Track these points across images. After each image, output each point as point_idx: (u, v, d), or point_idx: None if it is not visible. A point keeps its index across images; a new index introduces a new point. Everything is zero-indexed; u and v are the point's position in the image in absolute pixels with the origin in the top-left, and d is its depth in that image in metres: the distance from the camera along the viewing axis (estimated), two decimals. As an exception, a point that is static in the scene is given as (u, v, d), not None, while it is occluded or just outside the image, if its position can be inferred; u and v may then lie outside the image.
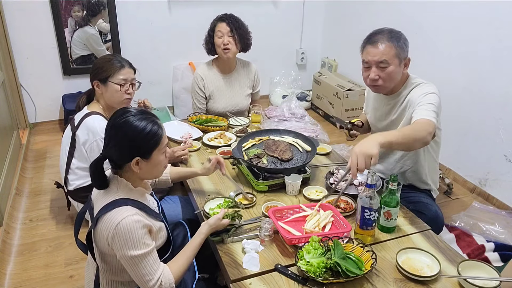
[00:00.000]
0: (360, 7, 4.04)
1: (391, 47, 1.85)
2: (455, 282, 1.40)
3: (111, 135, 1.41)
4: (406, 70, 1.96)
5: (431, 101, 1.83)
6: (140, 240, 1.33)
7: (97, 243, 1.40)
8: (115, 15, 3.82)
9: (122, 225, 1.31)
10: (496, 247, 2.40)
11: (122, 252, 1.32)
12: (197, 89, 2.73)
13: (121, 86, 2.13)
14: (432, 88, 1.90)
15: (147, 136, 1.38)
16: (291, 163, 1.99)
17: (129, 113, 1.40)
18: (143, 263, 1.34)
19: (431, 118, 1.76)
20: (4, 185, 2.74)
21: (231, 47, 2.57)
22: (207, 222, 1.55)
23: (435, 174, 2.16)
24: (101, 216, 1.35)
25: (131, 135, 1.37)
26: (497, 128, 2.84)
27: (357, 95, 4.03)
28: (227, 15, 2.64)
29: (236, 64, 2.78)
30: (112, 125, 1.41)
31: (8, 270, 2.26)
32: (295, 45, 4.69)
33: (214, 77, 2.74)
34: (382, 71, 1.88)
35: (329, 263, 1.37)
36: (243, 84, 2.81)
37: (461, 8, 2.96)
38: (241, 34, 2.60)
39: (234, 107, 2.80)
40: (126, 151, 1.39)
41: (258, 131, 2.31)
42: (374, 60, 1.88)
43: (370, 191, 1.52)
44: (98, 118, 2.14)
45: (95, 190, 1.50)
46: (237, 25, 2.58)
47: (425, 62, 3.27)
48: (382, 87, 1.95)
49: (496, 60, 2.78)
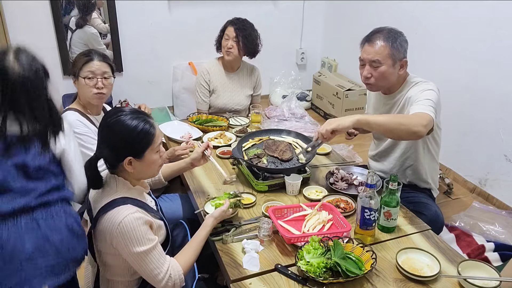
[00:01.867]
0: (360, 7, 4.04)
1: (386, 47, 1.86)
2: (455, 282, 1.40)
3: (103, 135, 1.41)
4: (403, 71, 1.95)
5: (428, 97, 1.82)
6: (144, 236, 1.34)
7: (98, 243, 1.40)
8: (115, 15, 3.82)
9: (125, 223, 1.31)
10: (496, 247, 2.40)
11: (127, 250, 1.33)
12: (203, 82, 2.80)
13: (88, 80, 1.99)
14: (431, 85, 1.90)
15: (138, 135, 1.37)
16: (291, 163, 1.99)
17: (121, 112, 1.40)
18: (149, 258, 1.35)
19: (428, 111, 1.74)
20: (4, 185, 2.73)
21: (233, 51, 2.66)
22: (212, 215, 1.56)
23: (435, 174, 2.16)
24: (101, 216, 1.36)
25: (122, 135, 1.37)
26: (497, 128, 2.84)
27: (357, 95, 4.03)
28: (239, 20, 2.69)
29: (241, 65, 2.85)
30: (104, 125, 1.41)
31: (8, 270, 2.26)
32: (295, 45, 4.69)
33: (219, 73, 2.81)
34: (375, 70, 1.90)
35: (329, 263, 1.37)
36: (245, 85, 2.86)
37: (461, 8, 2.96)
38: (247, 41, 2.65)
39: (235, 105, 2.85)
40: (118, 151, 1.39)
41: (258, 131, 2.31)
42: (368, 59, 1.90)
43: (370, 191, 1.52)
44: (70, 113, 2.03)
45: (92, 190, 1.50)
46: (245, 32, 2.64)
47: (425, 62, 3.27)
48: (374, 86, 1.96)
49: (496, 60, 2.78)
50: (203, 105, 2.83)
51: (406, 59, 1.93)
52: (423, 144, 2.01)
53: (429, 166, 2.08)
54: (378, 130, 1.79)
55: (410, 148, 2.04)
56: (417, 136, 1.71)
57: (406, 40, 1.93)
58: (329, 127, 1.71)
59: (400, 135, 1.78)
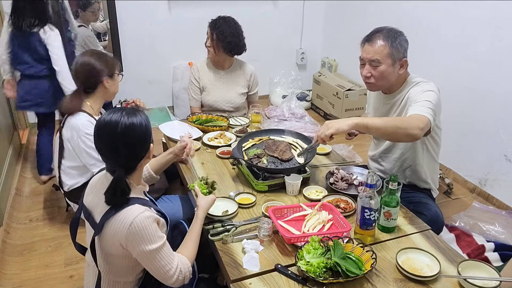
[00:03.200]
0: (360, 7, 4.04)
1: (385, 47, 1.87)
2: (455, 282, 1.40)
3: (117, 145, 1.35)
4: (403, 71, 1.95)
5: (428, 98, 1.81)
6: (154, 234, 1.35)
7: (105, 245, 1.39)
8: (115, 15, 3.82)
9: (136, 223, 1.31)
10: (496, 247, 2.40)
11: (139, 249, 1.34)
12: (193, 79, 2.86)
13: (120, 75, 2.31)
14: (431, 86, 1.89)
15: (147, 128, 1.41)
16: (291, 163, 1.99)
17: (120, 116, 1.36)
18: (160, 255, 1.36)
19: (426, 114, 1.74)
20: (4, 185, 2.74)
21: (210, 49, 2.73)
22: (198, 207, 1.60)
23: (435, 174, 2.16)
24: (109, 219, 1.34)
25: (139, 135, 1.38)
26: (497, 128, 2.84)
27: (357, 95, 4.03)
28: (217, 18, 2.70)
29: (233, 63, 2.85)
30: (115, 136, 1.35)
31: (8, 270, 2.26)
32: (295, 45, 4.69)
33: (208, 70, 2.85)
34: (374, 69, 1.91)
35: (329, 263, 1.37)
36: (237, 83, 2.86)
37: (462, 7, 2.96)
38: (219, 39, 2.64)
39: (226, 103, 2.85)
40: (139, 152, 1.41)
41: (258, 131, 2.30)
42: (367, 58, 1.91)
43: (370, 191, 1.52)
44: (82, 115, 2.11)
45: (87, 195, 1.49)
46: (217, 30, 2.64)
47: (425, 62, 3.27)
48: (374, 85, 1.97)
49: (496, 60, 2.78)
50: (194, 102, 2.88)
51: (406, 59, 1.92)
52: (422, 145, 2.01)
53: (428, 167, 2.08)
54: (376, 133, 1.81)
55: (409, 149, 2.04)
56: (413, 138, 1.73)
57: (406, 40, 1.92)
58: (328, 131, 1.71)
59: (398, 138, 1.82)
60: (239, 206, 1.77)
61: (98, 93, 2.18)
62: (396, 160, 2.10)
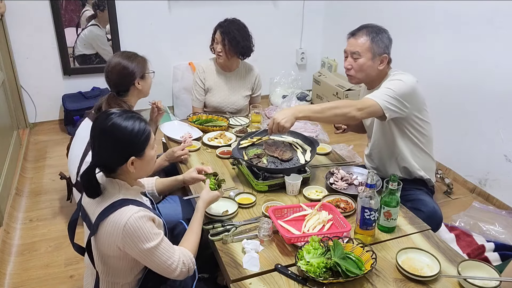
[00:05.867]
0: (360, 7, 4.04)
1: (366, 41, 1.97)
2: (455, 282, 1.41)
3: (101, 141, 1.38)
4: (383, 67, 2.00)
5: (389, 86, 1.89)
6: (151, 232, 1.35)
7: (101, 247, 1.39)
8: (115, 15, 3.82)
9: (130, 224, 1.31)
10: (496, 247, 2.40)
11: (138, 249, 1.33)
12: (198, 80, 2.83)
13: None
14: (402, 76, 1.94)
15: (138, 134, 1.38)
16: (291, 163, 1.99)
17: (113, 114, 1.38)
18: (160, 251, 1.36)
19: (375, 98, 1.84)
20: (4, 185, 2.74)
21: (222, 55, 2.69)
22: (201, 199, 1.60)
23: (427, 163, 2.14)
24: (103, 220, 1.34)
25: (124, 136, 1.36)
26: (497, 128, 2.84)
27: (357, 95, 4.03)
28: (225, 22, 2.68)
29: (238, 65, 2.84)
30: (100, 131, 1.38)
31: (8, 270, 2.26)
32: (295, 45, 4.69)
33: (214, 72, 2.83)
34: (355, 61, 2.00)
35: (329, 263, 1.37)
36: (242, 85, 2.85)
37: (461, 7, 2.96)
38: (232, 44, 2.63)
39: (230, 105, 2.84)
40: (120, 154, 1.38)
41: (258, 130, 2.30)
42: (350, 50, 2.01)
43: (370, 191, 1.52)
44: None
45: (85, 195, 1.49)
46: (230, 36, 2.62)
47: (425, 62, 3.27)
48: (354, 77, 2.05)
49: (496, 60, 2.78)
50: (197, 102, 2.85)
51: (386, 55, 1.99)
52: (400, 132, 2.04)
53: (415, 155, 2.09)
54: (319, 118, 1.94)
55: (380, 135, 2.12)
56: (352, 118, 1.85)
57: (389, 37, 2.00)
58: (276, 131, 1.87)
59: (338, 120, 2.04)
60: (239, 206, 1.77)
61: (131, 95, 2.21)
62: (381, 154, 2.16)
